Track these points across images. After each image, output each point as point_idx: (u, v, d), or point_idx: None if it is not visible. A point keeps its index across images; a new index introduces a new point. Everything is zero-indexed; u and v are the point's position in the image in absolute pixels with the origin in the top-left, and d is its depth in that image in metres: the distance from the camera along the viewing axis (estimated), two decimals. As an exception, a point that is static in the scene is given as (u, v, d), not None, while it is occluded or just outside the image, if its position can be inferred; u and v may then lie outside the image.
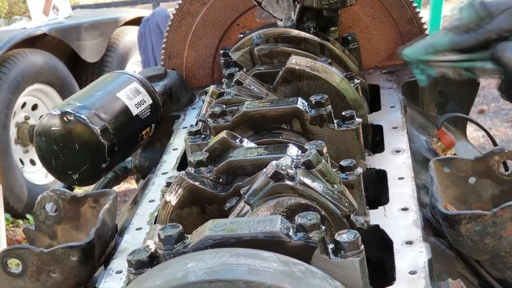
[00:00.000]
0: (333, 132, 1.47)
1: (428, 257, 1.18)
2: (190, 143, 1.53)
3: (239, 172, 1.30)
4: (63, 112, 1.68)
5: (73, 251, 1.30)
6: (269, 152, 1.29)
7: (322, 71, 1.64)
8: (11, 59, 5.76)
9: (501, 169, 1.42)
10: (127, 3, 9.79)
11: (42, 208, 1.51)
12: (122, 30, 7.26)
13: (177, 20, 2.27)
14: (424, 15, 2.31)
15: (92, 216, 1.50)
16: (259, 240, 0.96)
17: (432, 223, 1.36)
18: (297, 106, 1.47)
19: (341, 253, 0.98)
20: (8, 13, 11.70)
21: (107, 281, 1.29)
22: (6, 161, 5.65)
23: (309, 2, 1.92)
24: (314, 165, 1.19)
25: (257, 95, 1.64)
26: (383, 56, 2.24)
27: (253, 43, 1.88)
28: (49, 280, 1.32)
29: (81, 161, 1.69)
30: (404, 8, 2.18)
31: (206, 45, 2.30)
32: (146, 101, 1.89)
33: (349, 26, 2.21)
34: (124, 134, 1.77)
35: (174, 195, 1.28)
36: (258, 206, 1.14)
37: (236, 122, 1.49)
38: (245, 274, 0.85)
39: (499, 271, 1.28)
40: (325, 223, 1.13)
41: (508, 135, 6.48)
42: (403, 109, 1.89)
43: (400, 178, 1.48)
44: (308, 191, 1.14)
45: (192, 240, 0.99)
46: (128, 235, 1.45)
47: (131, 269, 1.00)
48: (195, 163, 1.32)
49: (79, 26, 6.66)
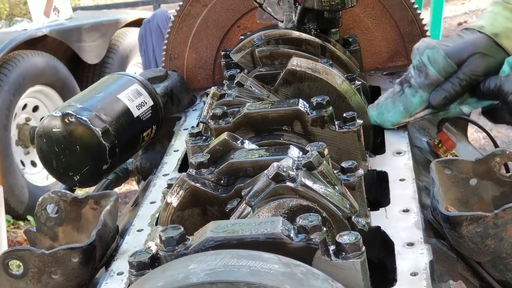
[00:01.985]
0: (334, 133, 1.47)
1: (429, 259, 1.17)
2: (191, 144, 1.53)
3: (240, 174, 1.30)
4: (64, 113, 1.68)
5: (74, 253, 1.30)
6: (270, 154, 1.29)
7: (323, 72, 1.64)
8: (12, 60, 5.77)
9: (502, 171, 1.42)
10: (128, 5, 9.81)
11: (43, 210, 1.51)
12: (123, 31, 7.27)
13: (178, 22, 2.27)
14: (425, 17, 2.31)
15: (93, 218, 1.50)
16: (261, 242, 0.96)
17: (433, 224, 1.36)
18: (298, 108, 1.47)
19: (342, 254, 0.98)
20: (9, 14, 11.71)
21: (108, 283, 1.29)
22: (7, 163, 5.65)
23: (310, 3, 1.92)
24: (315, 167, 1.20)
25: (258, 97, 1.64)
26: (384, 57, 2.25)
27: (254, 44, 1.89)
28: (50, 282, 1.32)
29: (82, 163, 1.69)
30: (405, 10, 2.18)
31: (207, 47, 2.30)
32: (147, 103, 1.89)
33: (350, 28, 2.21)
34: (125, 136, 1.77)
35: (175, 196, 1.28)
36: (259, 207, 1.14)
37: (237, 124, 1.49)
38: (247, 276, 0.85)
39: (501, 272, 1.28)
40: (326, 224, 1.13)
41: (509, 137, 6.48)
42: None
43: (401, 180, 1.48)
44: (309, 193, 1.14)
45: (193, 242, 0.99)
46: (129, 237, 1.45)
47: (132, 271, 1.00)
48: (196, 164, 1.32)
49: (80, 27, 6.67)
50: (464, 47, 1.61)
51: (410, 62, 2.17)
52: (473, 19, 10.90)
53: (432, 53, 1.61)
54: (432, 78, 1.62)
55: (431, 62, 1.60)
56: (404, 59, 2.23)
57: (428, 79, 1.62)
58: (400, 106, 1.66)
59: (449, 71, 1.61)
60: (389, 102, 1.69)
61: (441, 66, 1.60)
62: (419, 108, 1.66)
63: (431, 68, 1.61)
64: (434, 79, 1.62)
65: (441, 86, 1.62)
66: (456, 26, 10.81)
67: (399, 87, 1.69)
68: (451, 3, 12.12)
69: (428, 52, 1.61)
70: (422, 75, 1.63)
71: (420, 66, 1.63)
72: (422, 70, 1.63)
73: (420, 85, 1.64)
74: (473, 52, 1.60)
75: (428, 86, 1.63)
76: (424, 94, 1.64)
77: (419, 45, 1.65)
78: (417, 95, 1.64)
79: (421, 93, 1.64)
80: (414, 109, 1.66)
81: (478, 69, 1.59)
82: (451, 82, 1.61)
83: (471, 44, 1.61)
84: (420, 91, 1.64)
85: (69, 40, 6.48)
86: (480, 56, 1.59)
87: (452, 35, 1.70)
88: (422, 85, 1.63)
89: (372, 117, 1.69)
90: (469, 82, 1.60)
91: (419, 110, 1.66)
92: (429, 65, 1.61)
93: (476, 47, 1.60)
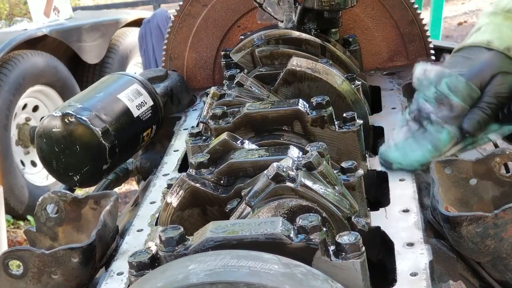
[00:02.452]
0: (334, 133, 1.47)
1: (429, 259, 1.17)
2: (191, 144, 1.53)
3: (240, 174, 1.30)
4: (64, 113, 1.69)
5: (74, 253, 1.30)
6: (270, 154, 1.29)
7: (323, 72, 1.64)
8: (12, 60, 5.77)
9: (502, 171, 1.42)
10: (128, 5, 9.80)
11: (43, 210, 1.51)
12: (123, 31, 7.26)
13: (178, 22, 2.27)
14: (425, 17, 2.31)
15: (93, 218, 1.50)
16: (260, 242, 0.96)
17: (433, 224, 1.36)
18: (298, 108, 1.47)
19: (342, 254, 0.98)
20: (9, 14, 11.71)
21: (108, 283, 1.29)
22: (7, 163, 5.65)
23: (310, 3, 1.92)
24: (315, 167, 1.20)
25: (258, 97, 1.64)
26: (384, 57, 2.24)
27: (254, 44, 1.89)
28: (50, 282, 1.32)
29: (82, 163, 1.69)
30: (405, 10, 2.18)
31: (207, 47, 2.30)
32: (147, 103, 1.89)
33: (350, 28, 2.21)
34: (125, 136, 1.77)
35: (175, 196, 1.28)
36: (259, 208, 1.15)
37: (237, 124, 1.49)
38: (246, 276, 0.85)
39: (500, 273, 1.28)
40: (326, 224, 1.13)
41: (509, 137, 6.46)
42: (404, 110, 1.89)
43: (401, 180, 1.48)
44: (309, 193, 1.14)
45: (193, 242, 0.99)
46: (129, 237, 1.45)
47: (132, 271, 1.00)
48: (196, 164, 1.32)
49: (80, 27, 6.67)
50: (482, 68, 1.48)
51: (410, 62, 2.17)
52: (473, 19, 10.90)
53: (451, 81, 1.46)
54: (458, 109, 1.46)
55: (453, 91, 1.45)
56: (404, 59, 2.23)
57: (453, 110, 1.46)
58: (428, 145, 1.49)
59: (474, 97, 1.46)
60: (411, 142, 1.50)
61: (465, 94, 1.45)
62: (448, 144, 1.50)
63: (454, 98, 1.45)
64: (460, 109, 1.46)
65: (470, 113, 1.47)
66: (456, 26, 10.82)
67: (416, 125, 1.51)
68: (451, 3, 12.12)
69: (447, 81, 1.46)
70: (446, 108, 1.47)
71: (441, 98, 1.47)
72: (444, 102, 1.47)
73: (445, 119, 1.48)
74: (494, 73, 1.47)
75: (455, 118, 1.47)
76: (451, 128, 1.48)
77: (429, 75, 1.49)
78: (444, 130, 1.48)
79: (448, 127, 1.48)
80: (444, 146, 1.49)
81: (504, 90, 1.47)
82: (479, 108, 1.47)
83: (489, 65, 1.48)
84: (447, 126, 1.48)
85: (69, 40, 6.48)
86: (502, 76, 1.47)
87: (454, 57, 1.55)
88: (447, 118, 1.47)
89: (394, 159, 1.51)
90: (496, 104, 1.48)
91: (449, 147, 1.50)
92: (451, 95, 1.45)
93: (494, 67, 1.48)
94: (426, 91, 1.49)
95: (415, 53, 2.22)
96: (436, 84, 1.48)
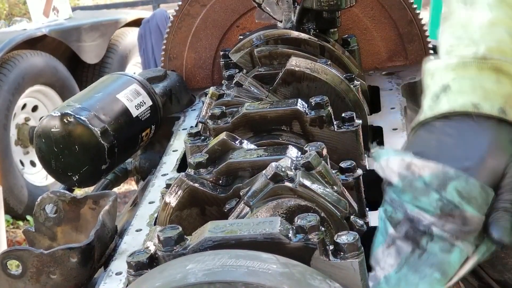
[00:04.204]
0: (333, 133, 1.47)
1: (428, 259, 1.17)
2: (190, 144, 1.53)
3: (238, 174, 1.30)
4: (63, 113, 1.69)
5: (73, 253, 1.30)
6: (269, 154, 1.29)
7: (322, 72, 1.64)
8: (11, 60, 5.76)
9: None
10: (127, 5, 9.79)
11: (42, 210, 1.51)
12: (122, 31, 7.26)
13: (177, 22, 2.27)
14: (424, 16, 2.31)
15: (92, 218, 1.51)
16: (259, 242, 0.96)
17: (432, 225, 1.34)
18: (297, 108, 1.47)
19: (341, 254, 0.98)
20: (8, 14, 11.71)
21: (107, 283, 1.29)
22: (6, 163, 5.64)
23: (309, 3, 1.92)
24: (314, 167, 1.20)
25: (257, 97, 1.64)
26: (383, 57, 2.25)
27: (253, 44, 1.89)
28: (49, 282, 1.32)
29: (81, 163, 1.69)
30: (404, 10, 2.18)
31: (206, 47, 2.30)
32: (146, 103, 1.89)
33: (349, 28, 2.21)
34: (124, 136, 1.77)
35: (173, 196, 1.28)
36: (257, 207, 1.15)
37: (236, 124, 1.49)
38: (245, 276, 0.85)
39: (499, 272, 1.28)
40: (324, 224, 1.13)
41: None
42: (403, 110, 1.89)
43: (400, 180, 1.47)
44: (307, 193, 1.14)
45: (191, 242, 0.99)
46: (128, 237, 1.45)
47: (130, 271, 1.00)
48: (194, 164, 1.32)
49: (79, 27, 6.66)
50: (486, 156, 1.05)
51: (410, 63, 2.16)
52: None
53: (461, 186, 1.03)
54: (474, 222, 1.04)
55: (465, 199, 1.03)
56: (403, 59, 2.23)
57: (467, 223, 1.04)
58: (434, 273, 1.04)
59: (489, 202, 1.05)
60: (406, 273, 1.04)
61: (480, 201, 1.04)
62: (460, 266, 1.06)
63: (469, 208, 1.03)
64: (476, 222, 1.04)
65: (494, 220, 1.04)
66: (456, 26, 10.77)
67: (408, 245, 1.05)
68: (450, 3, 12.09)
69: (456, 186, 1.03)
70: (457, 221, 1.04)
71: (450, 209, 1.04)
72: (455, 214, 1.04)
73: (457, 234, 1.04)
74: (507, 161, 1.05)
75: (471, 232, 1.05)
76: (465, 245, 1.05)
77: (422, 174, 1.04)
78: (455, 249, 1.04)
79: (461, 245, 1.05)
80: (454, 269, 1.05)
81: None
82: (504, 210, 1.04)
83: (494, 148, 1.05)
84: (459, 243, 1.04)
85: (68, 40, 6.47)
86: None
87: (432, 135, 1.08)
88: (461, 234, 1.04)
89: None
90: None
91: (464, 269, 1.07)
92: (464, 205, 1.03)
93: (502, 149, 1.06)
94: (422, 197, 1.05)
95: (414, 53, 2.22)
96: (440, 191, 1.04)
